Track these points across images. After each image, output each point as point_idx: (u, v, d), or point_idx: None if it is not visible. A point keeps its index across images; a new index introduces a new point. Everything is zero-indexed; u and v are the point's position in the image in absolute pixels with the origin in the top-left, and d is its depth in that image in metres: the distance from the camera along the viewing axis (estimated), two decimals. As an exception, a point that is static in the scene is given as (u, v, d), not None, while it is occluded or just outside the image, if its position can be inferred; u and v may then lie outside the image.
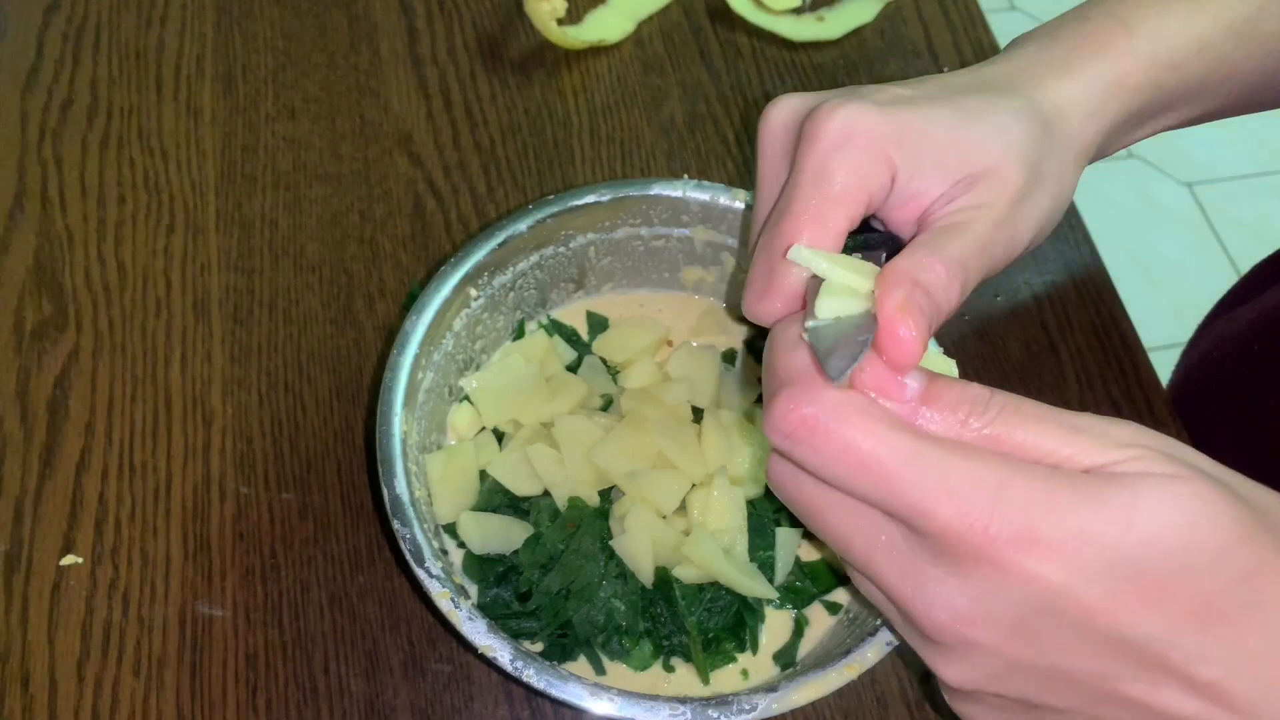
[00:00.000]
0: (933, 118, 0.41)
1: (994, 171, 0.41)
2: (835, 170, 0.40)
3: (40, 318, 0.61)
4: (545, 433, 0.53)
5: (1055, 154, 0.44)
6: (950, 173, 0.41)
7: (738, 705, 0.43)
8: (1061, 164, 0.44)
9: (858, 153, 0.40)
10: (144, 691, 0.51)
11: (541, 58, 0.73)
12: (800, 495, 0.37)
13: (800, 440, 0.34)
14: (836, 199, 0.40)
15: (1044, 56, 0.45)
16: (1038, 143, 0.43)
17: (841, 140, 0.40)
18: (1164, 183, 1.84)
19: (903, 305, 0.36)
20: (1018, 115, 0.42)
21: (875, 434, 0.33)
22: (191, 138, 0.68)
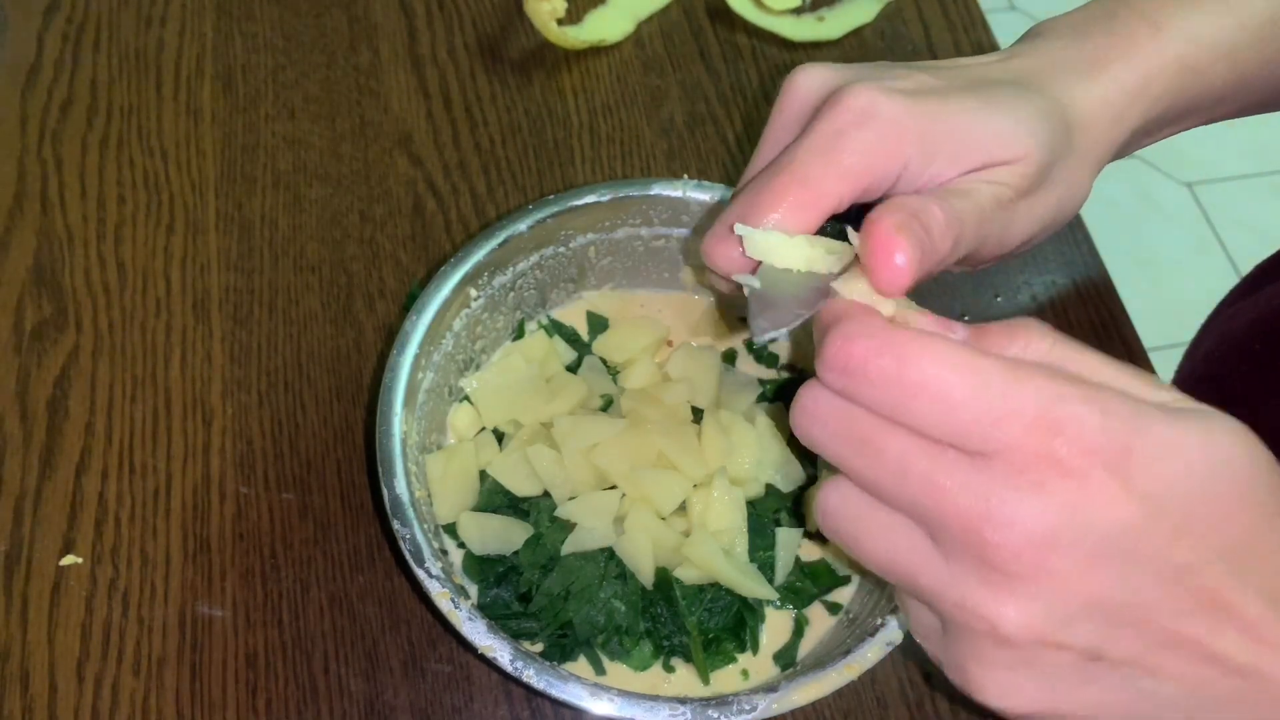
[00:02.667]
0: (957, 112, 0.41)
1: (1007, 162, 0.41)
2: (847, 143, 0.39)
3: (40, 318, 0.61)
4: (545, 433, 0.53)
5: (1072, 158, 0.43)
6: (965, 162, 0.41)
7: (738, 705, 0.43)
8: (1077, 169, 0.44)
9: (874, 136, 0.39)
10: (144, 691, 0.51)
11: (541, 58, 0.73)
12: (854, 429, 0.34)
13: (856, 372, 0.32)
14: (838, 172, 0.39)
15: (1072, 54, 0.45)
16: (1057, 143, 0.42)
17: (862, 119, 0.39)
18: (1164, 183, 1.84)
19: (901, 225, 0.35)
20: (1043, 114, 0.42)
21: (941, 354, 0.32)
22: (191, 138, 0.68)
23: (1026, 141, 0.41)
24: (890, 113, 0.39)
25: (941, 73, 0.43)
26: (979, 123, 0.41)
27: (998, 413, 0.31)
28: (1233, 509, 0.32)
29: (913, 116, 0.40)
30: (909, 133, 0.40)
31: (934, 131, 0.40)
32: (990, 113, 0.41)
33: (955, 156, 0.41)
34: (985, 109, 0.41)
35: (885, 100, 0.39)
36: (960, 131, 0.40)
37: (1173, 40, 0.45)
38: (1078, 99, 0.44)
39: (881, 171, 0.40)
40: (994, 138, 0.41)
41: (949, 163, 0.41)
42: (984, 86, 0.42)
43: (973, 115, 0.41)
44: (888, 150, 0.39)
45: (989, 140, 0.41)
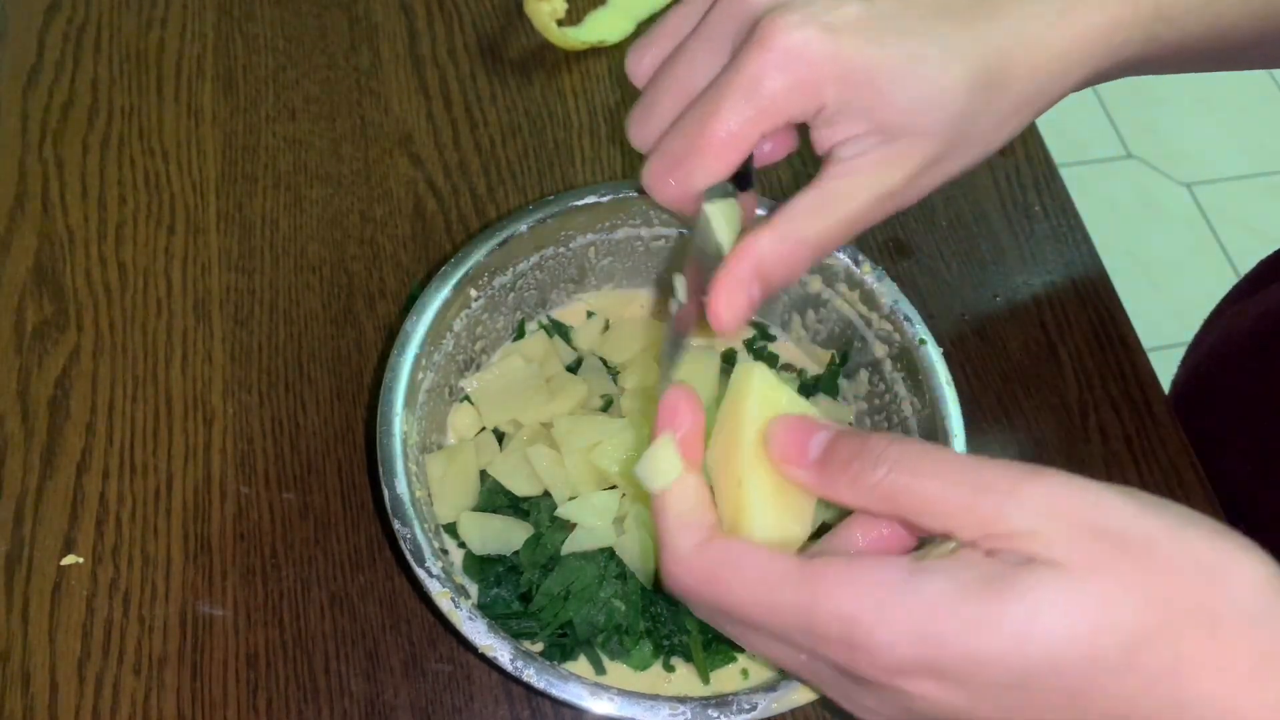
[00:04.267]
0: (880, 60, 0.40)
1: (913, 134, 0.41)
2: (769, 85, 0.40)
3: (41, 318, 0.61)
4: (545, 433, 0.54)
5: (994, 114, 0.42)
6: (873, 121, 0.41)
7: (738, 705, 0.44)
8: (997, 125, 0.43)
9: (796, 78, 0.40)
10: (144, 691, 0.51)
11: (541, 58, 0.73)
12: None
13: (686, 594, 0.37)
14: (761, 113, 0.40)
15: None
16: (977, 106, 0.42)
17: (786, 60, 0.40)
18: (1164, 183, 1.84)
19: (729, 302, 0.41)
20: (970, 73, 0.41)
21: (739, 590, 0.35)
22: (192, 138, 0.68)
23: (937, 118, 0.41)
24: (811, 54, 0.40)
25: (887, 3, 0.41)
26: (897, 78, 0.40)
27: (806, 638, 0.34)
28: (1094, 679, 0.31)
29: (835, 60, 0.40)
30: (830, 76, 0.40)
31: (853, 79, 0.40)
32: (911, 74, 0.40)
33: (866, 111, 0.41)
34: (907, 66, 0.40)
35: (810, 38, 0.39)
36: (878, 85, 0.40)
37: None
38: (1034, 39, 0.42)
39: (796, 112, 0.41)
40: (908, 102, 0.40)
41: (859, 116, 0.41)
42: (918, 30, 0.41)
43: (893, 74, 0.40)
44: (803, 93, 0.40)
45: (903, 102, 0.41)
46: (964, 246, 0.67)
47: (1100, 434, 0.61)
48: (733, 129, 0.41)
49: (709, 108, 0.41)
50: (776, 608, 0.34)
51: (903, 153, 0.42)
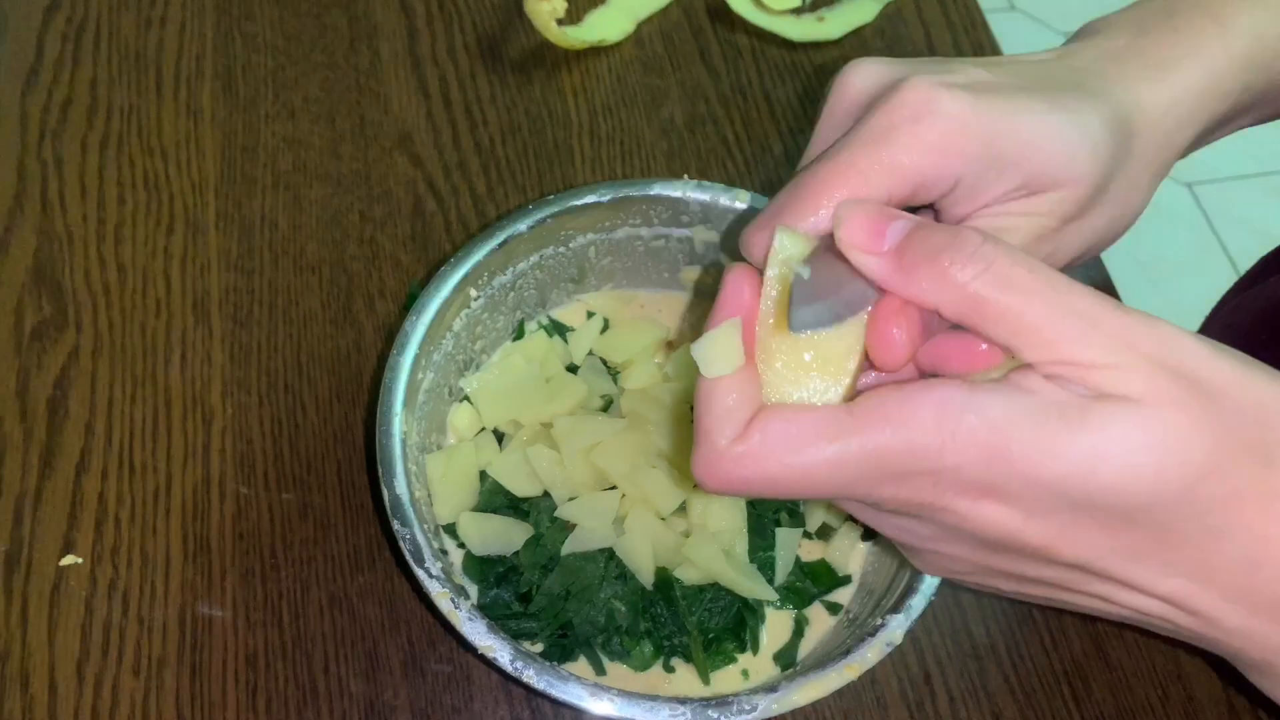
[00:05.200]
0: (1022, 113, 0.38)
1: (1061, 185, 0.39)
2: (900, 138, 0.36)
3: (40, 318, 0.61)
4: (545, 433, 0.53)
5: (1131, 170, 0.41)
6: (1017, 179, 0.39)
7: (738, 705, 0.43)
8: (1136, 180, 0.42)
9: (932, 133, 0.37)
10: (144, 692, 0.51)
11: (541, 58, 0.73)
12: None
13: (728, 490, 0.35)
14: (888, 167, 0.36)
15: (1135, 52, 0.42)
16: (1116, 158, 0.40)
17: (919, 114, 0.37)
18: (1164, 183, 1.84)
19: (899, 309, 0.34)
20: (1108, 124, 0.40)
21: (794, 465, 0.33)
22: (191, 138, 0.68)
23: (1087, 161, 0.39)
24: (952, 109, 0.37)
25: (1000, 69, 0.40)
26: (1044, 131, 0.38)
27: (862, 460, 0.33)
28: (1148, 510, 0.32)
29: (976, 114, 0.37)
30: (971, 132, 0.37)
31: (997, 134, 0.37)
32: (1056, 119, 0.38)
33: (1008, 172, 0.38)
34: (1051, 113, 0.38)
35: (946, 96, 0.37)
36: (1024, 137, 0.38)
37: (1239, 36, 0.43)
38: (1144, 101, 0.41)
39: (935, 172, 0.37)
40: (1052, 154, 0.38)
41: (1001, 178, 0.38)
42: (1047, 87, 0.39)
43: (1039, 120, 0.38)
44: (945, 150, 0.37)
45: (1046, 155, 0.38)
46: (964, 246, 0.67)
47: (1101, 434, 0.61)
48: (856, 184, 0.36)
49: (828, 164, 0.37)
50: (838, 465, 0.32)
51: (1052, 202, 0.39)
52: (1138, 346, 0.32)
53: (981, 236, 0.32)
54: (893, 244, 0.33)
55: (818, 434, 0.33)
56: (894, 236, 0.33)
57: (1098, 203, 0.41)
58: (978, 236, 0.32)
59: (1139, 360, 0.32)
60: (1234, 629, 0.35)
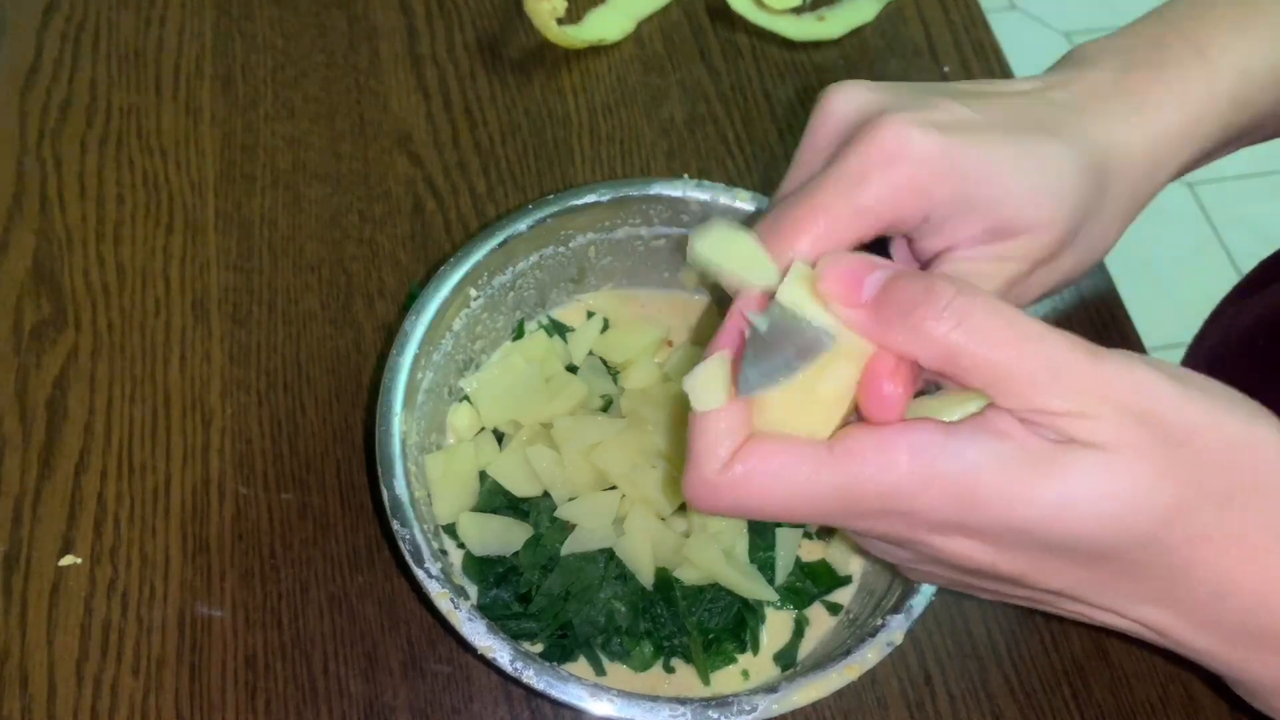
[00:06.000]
0: (993, 158, 0.39)
1: (1031, 230, 0.40)
2: (873, 185, 0.38)
3: (39, 318, 0.61)
4: (545, 433, 0.53)
5: (1104, 213, 0.42)
6: (987, 223, 0.39)
7: (738, 706, 0.43)
8: (1109, 222, 0.42)
9: (903, 178, 0.38)
10: (143, 692, 0.51)
11: (541, 57, 0.73)
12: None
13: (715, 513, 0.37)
14: (860, 209, 0.38)
15: (1119, 90, 0.42)
16: (1088, 203, 0.41)
17: (893, 158, 0.38)
18: (1164, 182, 1.84)
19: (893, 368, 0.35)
20: (1080, 170, 0.40)
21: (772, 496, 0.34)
22: (191, 137, 0.68)
23: (1057, 208, 0.39)
24: (922, 152, 0.38)
25: (980, 103, 0.40)
26: (1016, 178, 0.39)
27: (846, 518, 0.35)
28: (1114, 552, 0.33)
29: (948, 158, 0.38)
30: (942, 176, 0.38)
31: (968, 178, 0.38)
32: (1029, 166, 0.39)
33: (979, 213, 0.39)
34: (1024, 159, 0.39)
35: (919, 137, 0.38)
36: (995, 183, 0.39)
37: (1224, 75, 0.43)
38: (1123, 142, 0.41)
39: (905, 213, 0.39)
40: (1023, 199, 0.39)
41: (972, 219, 0.39)
42: (1024, 128, 0.40)
43: (1011, 166, 0.39)
44: (915, 192, 0.38)
45: (1017, 200, 0.39)
46: (965, 246, 0.67)
47: (1101, 434, 0.61)
48: (827, 229, 0.38)
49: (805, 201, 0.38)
50: (815, 499, 0.34)
51: (1021, 248, 0.40)
52: (1108, 394, 0.32)
53: (955, 288, 0.33)
54: (870, 296, 0.34)
55: (798, 469, 0.34)
56: (871, 288, 0.34)
57: (1068, 246, 0.41)
58: (951, 289, 0.33)
59: (1108, 408, 0.32)
60: (1206, 651, 0.36)
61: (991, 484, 0.32)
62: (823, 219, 0.38)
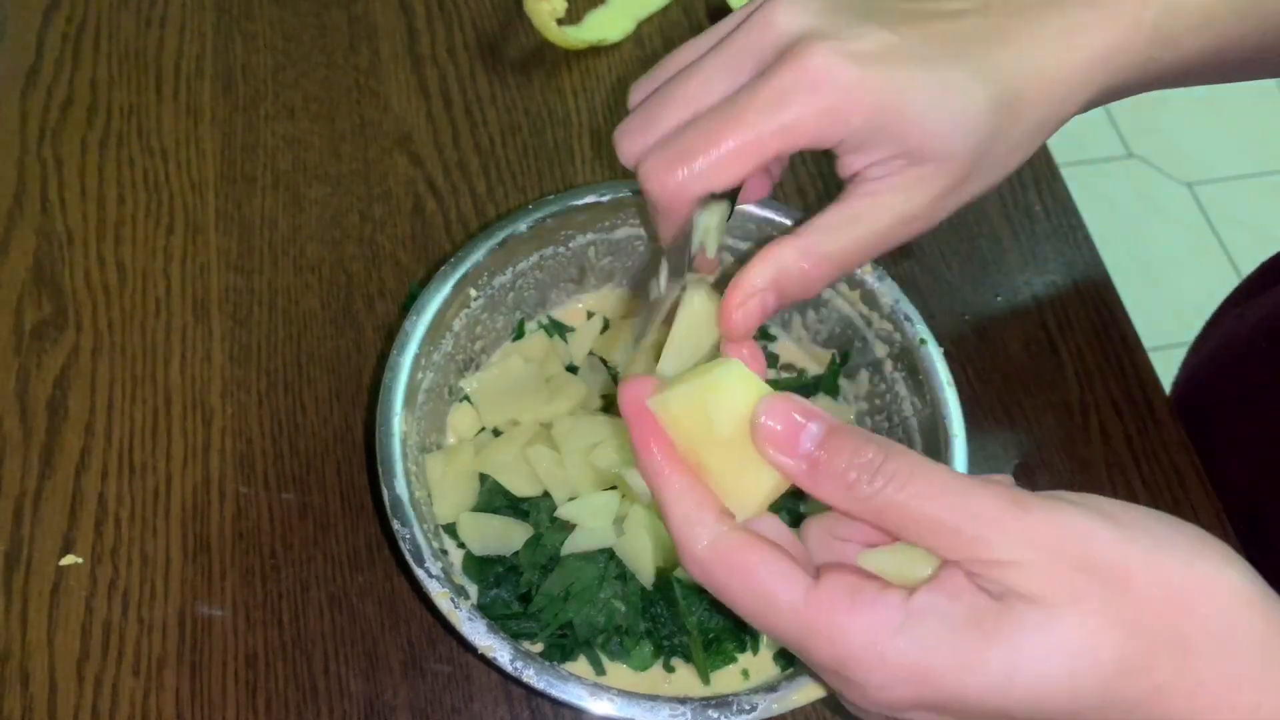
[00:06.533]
0: (906, 92, 0.41)
1: (937, 159, 0.42)
2: (795, 107, 0.40)
3: (40, 318, 0.61)
4: (545, 433, 0.53)
5: (1010, 141, 0.43)
6: (901, 147, 0.42)
7: (738, 705, 0.43)
8: (1015, 148, 0.44)
9: (824, 103, 0.40)
10: (144, 691, 0.51)
11: (541, 58, 0.73)
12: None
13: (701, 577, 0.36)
14: (779, 128, 0.40)
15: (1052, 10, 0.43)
16: (995, 135, 0.42)
17: (814, 83, 0.40)
18: (1164, 183, 1.84)
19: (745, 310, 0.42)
20: (991, 104, 0.42)
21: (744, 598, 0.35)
22: (191, 138, 0.68)
23: (964, 141, 0.42)
24: (843, 81, 0.40)
25: (910, 27, 0.42)
26: (926, 111, 0.41)
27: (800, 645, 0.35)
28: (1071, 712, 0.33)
29: (866, 88, 0.40)
30: (860, 104, 0.40)
31: (883, 108, 0.41)
32: (940, 100, 0.41)
33: (890, 139, 0.41)
34: (936, 94, 0.41)
35: (841, 66, 0.40)
36: (908, 114, 0.41)
37: (1153, 7, 0.44)
38: (1042, 68, 0.43)
39: (822, 136, 0.41)
40: (932, 130, 0.41)
41: (883, 143, 0.41)
42: (944, 59, 0.42)
43: (923, 101, 0.41)
44: (833, 118, 0.40)
45: (927, 130, 0.41)
46: (965, 246, 0.67)
47: (1101, 434, 0.61)
48: (751, 139, 0.40)
49: (732, 113, 0.41)
50: (778, 624, 0.35)
51: (928, 176, 0.42)
52: (1038, 541, 0.32)
53: (884, 450, 0.34)
54: (807, 449, 0.35)
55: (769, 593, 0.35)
56: (807, 443, 0.35)
57: (973, 174, 0.43)
58: (880, 452, 0.34)
59: (1040, 556, 0.32)
60: None
61: (942, 658, 0.32)
62: (747, 133, 0.40)
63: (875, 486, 0.34)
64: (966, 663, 0.32)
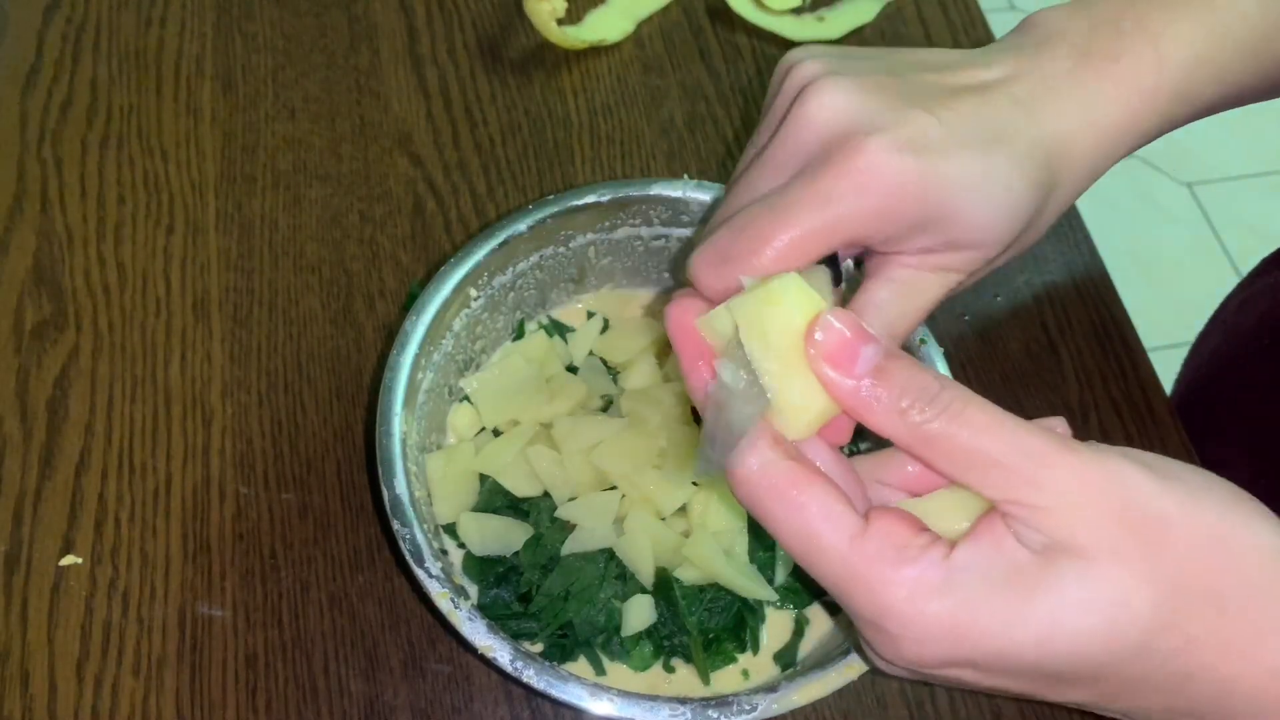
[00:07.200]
0: (955, 184, 0.40)
1: (980, 246, 0.41)
2: (846, 206, 0.39)
3: (40, 318, 0.61)
4: (545, 433, 0.53)
5: (1046, 215, 0.43)
6: (944, 237, 0.41)
7: (738, 705, 0.43)
8: (1046, 220, 0.44)
9: (875, 203, 0.39)
10: (144, 692, 0.51)
11: (541, 58, 0.73)
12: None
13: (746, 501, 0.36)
14: (829, 230, 0.39)
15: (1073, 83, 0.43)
16: (1035, 213, 0.42)
17: (866, 185, 0.39)
18: (1164, 183, 1.84)
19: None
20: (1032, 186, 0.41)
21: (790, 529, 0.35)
22: (191, 138, 0.68)
23: (1007, 227, 0.41)
24: (896, 181, 0.39)
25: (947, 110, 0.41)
26: (973, 202, 0.40)
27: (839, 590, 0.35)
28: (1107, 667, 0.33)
29: (919, 183, 0.39)
30: (911, 200, 0.39)
31: (931, 201, 0.40)
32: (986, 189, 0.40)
33: (944, 229, 0.41)
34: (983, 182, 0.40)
35: (895, 165, 0.39)
36: (954, 206, 0.40)
37: (1172, 70, 0.44)
38: (1070, 140, 0.43)
39: (870, 234, 0.40)
40: (981, 222, 0.41)
41: (934, 232, 0.41)
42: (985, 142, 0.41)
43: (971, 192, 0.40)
44: (884, 215, 0.39)
45: (975, 224, 0.41)
46: (964, 246, 0.67)
47: (1101, 434, 0.61)
48: (796, 238, 0.39)
49: (776, 212, 0.39)
50: (819, 565, 0.35)
51: (967, 259, 0.42)
52: (1084, 488, 0.33)
53: (940, 382, 0.34)
54: (864, 370, 0.35)
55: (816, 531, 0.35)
56: (864, 365, 0.35)
57: (1009, 248, 0.43)
58: (936, 382, 0.34)
59: (1080, 505, 0.33)
60: None
61: (982, 615, 0.33)
62: (794, 232, 0.39)
63: (927, 415, 0.34)
64: (1008, 619, 0.33)
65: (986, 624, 0.33)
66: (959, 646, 0.33)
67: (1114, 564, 0.32)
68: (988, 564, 0.33)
